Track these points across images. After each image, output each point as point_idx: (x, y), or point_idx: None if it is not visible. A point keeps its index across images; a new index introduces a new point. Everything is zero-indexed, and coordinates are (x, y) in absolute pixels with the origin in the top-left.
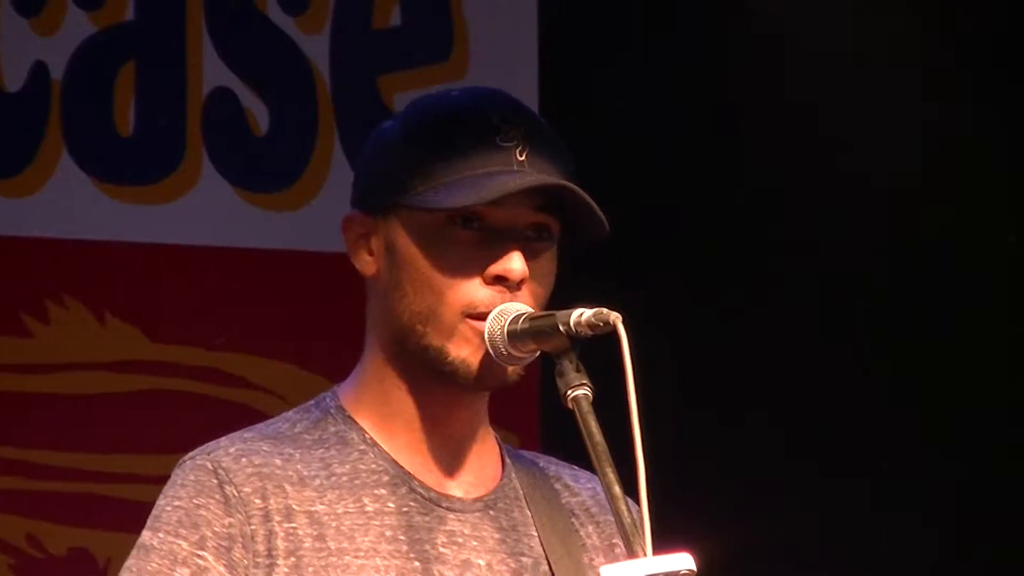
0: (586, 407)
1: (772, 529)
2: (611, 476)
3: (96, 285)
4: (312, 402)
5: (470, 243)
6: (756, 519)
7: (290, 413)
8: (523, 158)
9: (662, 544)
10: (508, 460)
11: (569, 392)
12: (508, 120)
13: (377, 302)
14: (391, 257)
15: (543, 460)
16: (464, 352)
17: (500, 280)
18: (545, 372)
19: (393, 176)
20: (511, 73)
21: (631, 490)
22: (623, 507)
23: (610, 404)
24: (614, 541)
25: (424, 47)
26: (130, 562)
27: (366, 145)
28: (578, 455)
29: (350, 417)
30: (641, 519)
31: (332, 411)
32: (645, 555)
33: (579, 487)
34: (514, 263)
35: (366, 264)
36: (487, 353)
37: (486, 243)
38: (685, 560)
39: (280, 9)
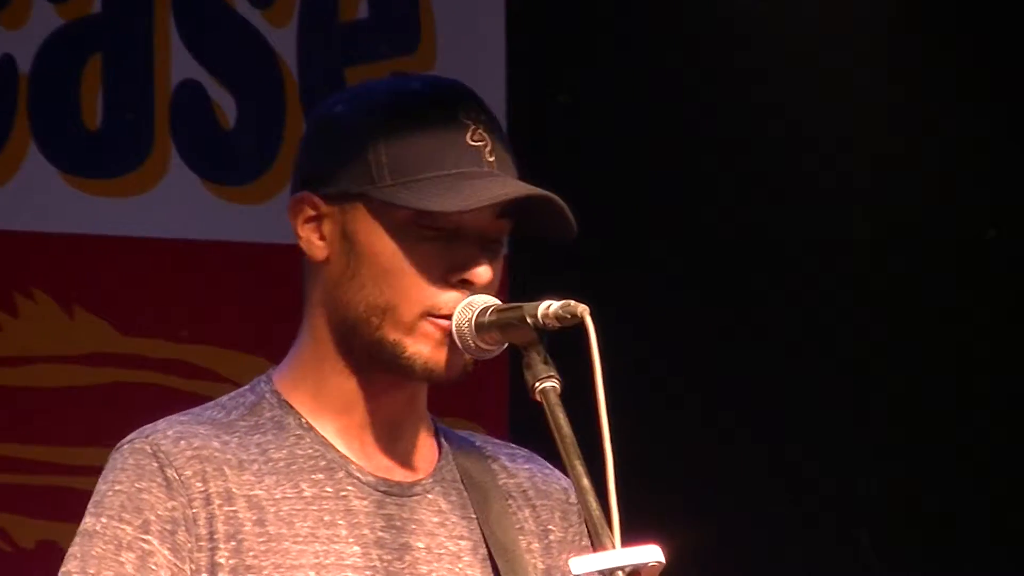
0: (554, 399)
1: (740, 524)
2: (579, 468)
3: (65, 278)
4: (247, 387)
5: (435, 242)
6: (725, 512)
7: (224, 399)
8: (491, 159)
9: (630, 536)
10: (445, 443)
11: (537, 384)
12: (474, 117)
13: (324, 287)
14: (348, 246)
15: (479, 440)
16: (422, 347)
17: (465, 284)
18: (513, 365)
19: (356, 164)
20: (479, 65)
21: (599, 482)
22: (592, 500)
23: (578, 396)
24: (549, 527)
25: (391, 39)
26: (74, 549)
27: (310, 126)
28: (547, 447)
29: (285, 401)
30: (609, 511)
31: (267, 395)
32: (614, 547)
33: (516, 468)
34: (481, 269)
35: (316, 248)
36: (447, 347)
37: (451, 244)
38: (654, 552)
39: (247, 2)
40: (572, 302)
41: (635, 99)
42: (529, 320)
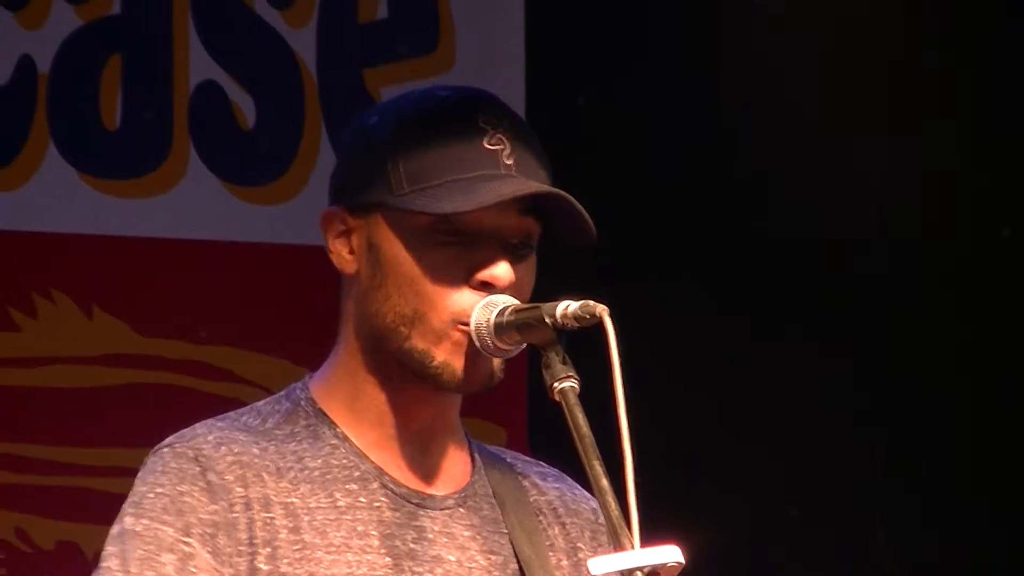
0: (573, 399)
1: (759, 524)
2: (598, 469)
3: (83, 279)
4: (282, 393)
5: (455, 247)
6: (744, 512)
7: (260, 404)
8: (510, 162)
9: (649, 536)
10: (478, 457)
11: (555, 384)
12: (494, 123)
13: (355, 300)
14: (373, 256)
15: (510, 456)
16: (451, 356)
17: (486, 286)
18: (532, 366)
19: (378, 175)
20: (497, 66)
21: (617, 482)
22: (610, 500)
23: (598, 396)
24: (578, 545)
25: (410, 40)
26: (113, 549)
27: (347, 138)
28: (565, 448)
29: (321, 411)
30: (628, 511)
31: (303, 403)
32: (633, 548)
33: (546, 486)
34: (500, 269)
35: (346, 262)
36: (475, 357)
37: (472, 247)
38: (673, 552)
39: (266, 2)
40: (591, 302)
41: (655, 100)
42: (548, 320)
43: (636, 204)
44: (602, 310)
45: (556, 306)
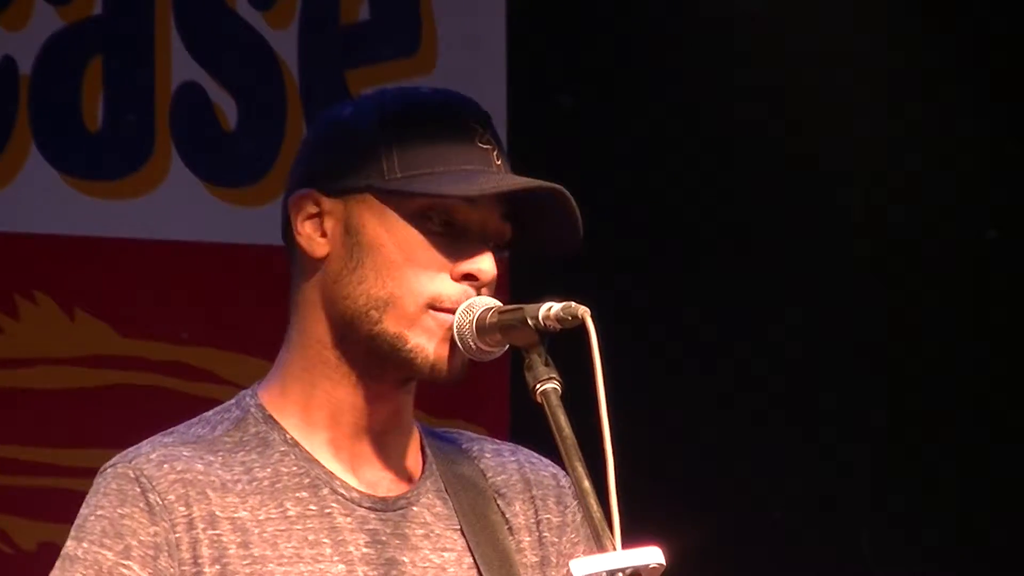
0: (555, 400)
1: (741, 526)
2: (580, 470)
3: (66, 280)
4: (232, 401)
5: (441, 237)
6: (725, 513)
7: (209, 414)
8: (499, 162)
9: (631, 538)
10: (429, 451)
11: (538, 386)
12: (482, 124)
13: (320, 286)
14: (352, 239)
15: (464, 441)
16: (424, 340)
17: (469, 278)
18: (515, 367)
19: (365, 161)
20: (479, 67)
21: (600, 483)
22: (592, 501)
23: (580, 398)
24: (543, 516)
25: (392, 42)
26: (55, 573)
27: (318, 129)
28: (547, 448)
29: (270, 416)
30: (610, 513)
31: (252, 410)
32: (614, 549)
33: (503, 462)
34: (486, 263)
35: (316, 245)
36: (448, 345)
37: (457, 240)
38: (654, 554)
39: (248, 4)
40: (573, 304)
41: (636, 101)
42: (530, 322)
43: (620, 203)
44: (584, 312)
45: (539, 308)
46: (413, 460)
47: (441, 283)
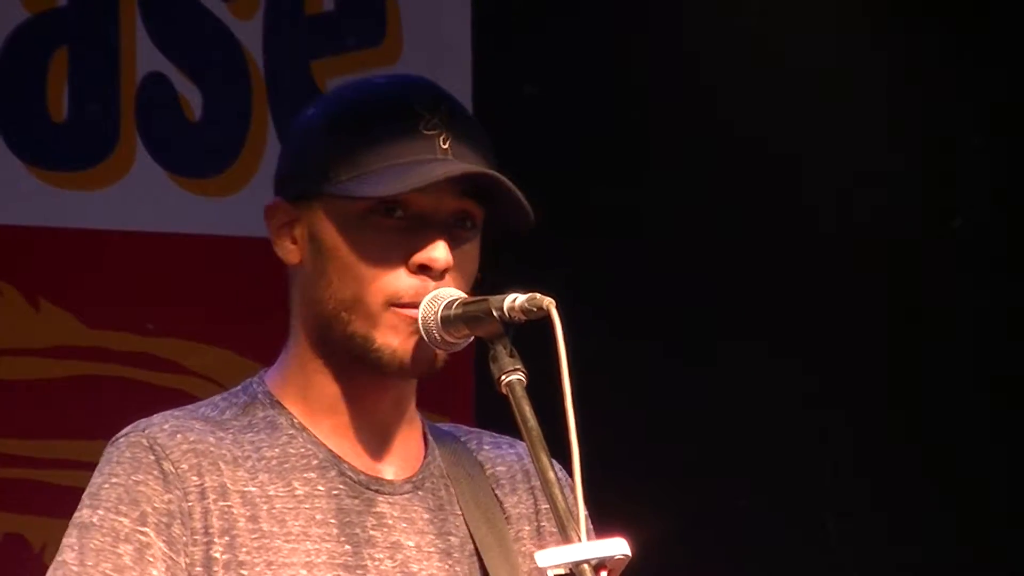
0: (520, 392)
1: (704, 517)
2: (545, 461)
3: (30, 271)
4: (239, 387)
5: (393, 231)
6: (689, 505)
7: (216, 399)
8: (446, 146)
9: (596, 529)
10: (431, 438)
11: (503, 377)
12: (430, 108)
13: (300, 290)
14: (314, 245)
15: (463, 433)
16: (390, 339)
17: (424, 269)
18: (479, 357)
19: (316, 165)
20: (445, 57)
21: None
22: (557, 492)
23: (545, 389)
24: (542, 507)
25: (357, 32)
26: (70, 540)
27: (290, 132)
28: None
29: (278, 402)
30: (575, 504)
31: (260, 396)
32: (580, 540)
33: (502, 454)
34: (438, 251)
35: (289, 252)
36: (415, 340)
37: (409, 231)
38: (620, 545)
39: None
40: (538, 295)
41: (602, 90)
42: (495, 313)
43: (584, 193)
44: (549, 303)
45: (504, 299)
46: (416, 447)
47: (397, 279)
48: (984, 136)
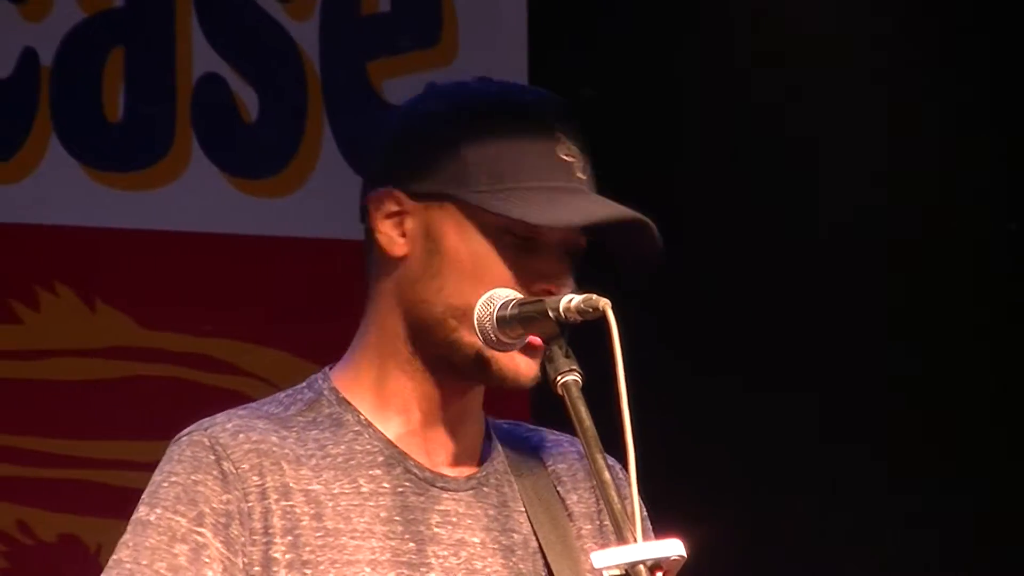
0: (576, 392)
1: (762, 519)
2: (600, 462)
3: (86, 272)
4: (303, 384)
5: (521, 251)
6: (746, 506)
7: (281, 395)
8: (582, 176)
9: (652, 530)
10: (494, 435)
11: (559, 378)
12: (567, 131)
13: (399, 284)
14: (430, 245)
15: (524, 429)
16: (498, 352)
17: (547, 294)
18: None
19: (447, 165)
20: (500, 57)
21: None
22: (612, 493)
23: (600, 390)
24: (601, 507)
25: (413, 32)
26: (127, 538)
27: (400, 121)
28: None
29: (344, 399)
30: (631, 504)
31: (325, 392)
32: (635, 541)
33: (563, 452)
34: (565, 283)
35: (396, 245)
36: (523, 356)
37: (535, 253)
38: (675, 546)
39: None
40: (594, 296)
41: (659, 92)
42: (551, 314)
43: (643, 196)
44: (605, 303)
45: (559, 299)
46: (480, 444)
47: None
48: None
